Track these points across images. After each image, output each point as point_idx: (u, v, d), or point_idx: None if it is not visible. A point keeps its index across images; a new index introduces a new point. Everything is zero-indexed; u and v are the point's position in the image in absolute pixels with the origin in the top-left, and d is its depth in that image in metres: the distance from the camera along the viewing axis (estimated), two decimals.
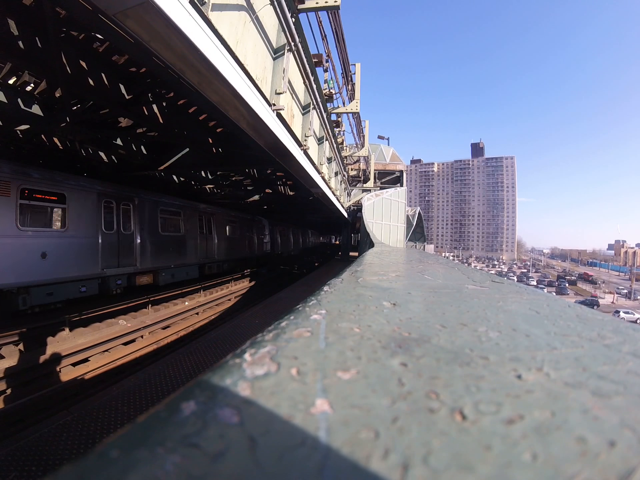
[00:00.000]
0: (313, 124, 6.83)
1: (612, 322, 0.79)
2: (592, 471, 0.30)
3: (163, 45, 2.66)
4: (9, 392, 4.96)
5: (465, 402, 0.40)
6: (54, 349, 6.06)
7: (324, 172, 9.02)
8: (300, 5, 4.74)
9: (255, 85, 3.84)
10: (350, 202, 20.11)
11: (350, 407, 0.38)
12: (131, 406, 3.72)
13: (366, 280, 1.32)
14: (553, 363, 0.52)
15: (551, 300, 1.03)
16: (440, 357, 0.53)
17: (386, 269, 1.86)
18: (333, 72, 9.03)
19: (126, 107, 6.27)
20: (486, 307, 0.90)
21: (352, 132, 14.49)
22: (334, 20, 7.05)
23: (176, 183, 12.74)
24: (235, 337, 6.28)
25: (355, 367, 0.48)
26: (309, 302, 0.87)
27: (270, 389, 0.40)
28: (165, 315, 8.84)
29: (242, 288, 14.14)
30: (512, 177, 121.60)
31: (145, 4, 2.14)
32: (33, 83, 6.21)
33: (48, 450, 2.91)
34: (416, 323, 0.71)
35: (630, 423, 0.36)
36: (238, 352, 0.50)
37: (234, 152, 8.61)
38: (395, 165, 24.37)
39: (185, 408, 0.35)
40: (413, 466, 0.30)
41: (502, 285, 1.33)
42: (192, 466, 0.28)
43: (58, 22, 4.59)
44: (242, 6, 3.40)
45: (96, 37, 5.23)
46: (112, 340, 6.85)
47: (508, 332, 0.67)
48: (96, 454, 0.29)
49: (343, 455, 0.30)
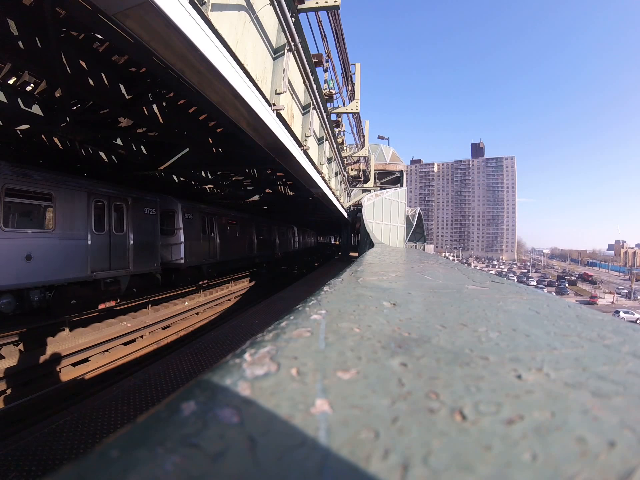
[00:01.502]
0: (313, 124, 6.84)
1: (612, 322, 0.79)
2: (592, 471, 0.30)
3: (163, 45, 2.66)
4: (9, 392, 4.96)
5: (465, 402, 0.40)
6: (54, 349, 6.06)
7: (324, 172, 9.02)
8: (300, 5, 4.74)
9: (255, 85, 3.84)
10: (350, 202, 20.13)
11: (350, 407, 0.38)
12: (131, 406, 3.72)
13: (366, 280, 1.32)
14: (553, 363, 0.52)
15: (551, 301, 1.03)
16: (440, 357, 0.53)
17: (386, 269, 1.86)
18: (333, 72, 9.04)
19: (126, 107, 6.27)
20: (486, 307, 0.90)
21: (352, 132, 14.49)
22: (334, 20, 7.05)
23: (176, 183, 12.75)
24: (235, 337, 6.29)
25: (355, 367, 0.48)
26: (309, 302, 0.87)
27: (270, 389, 0.40)
28: (165, 315, 8.84)
29: (242, 288, 14.14)
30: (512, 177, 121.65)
31: (144, 4, 2.14)
32: (33, 83, 6.22)
33: (48, 450, 2.91)
34: (416, 323, 0.72)
35: (630, 423, 0.36)
36: (238, 352, 0.50)
37: (234, 152, 8.62)
38: (395, 165, 24.37)
39: (185, 408, 0.35)
40: (413, 466, 0.30)
41: (502, 286, 1.33)
42: (192, 466, 0.28)
43: (58, 22, 4.59)
44: (242, 6, 3.40)
45: (96, 37, 5.24)
46: (112, 340, 6.85)
47: (508, 332, 0.67)
48: (96, 454, 0.29)
49: (343, 456, 0.30)
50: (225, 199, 16.10)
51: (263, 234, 19.47)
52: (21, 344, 6.11)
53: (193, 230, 11.83)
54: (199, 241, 12.28)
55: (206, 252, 12.80)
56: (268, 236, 20.56)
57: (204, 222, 12.76)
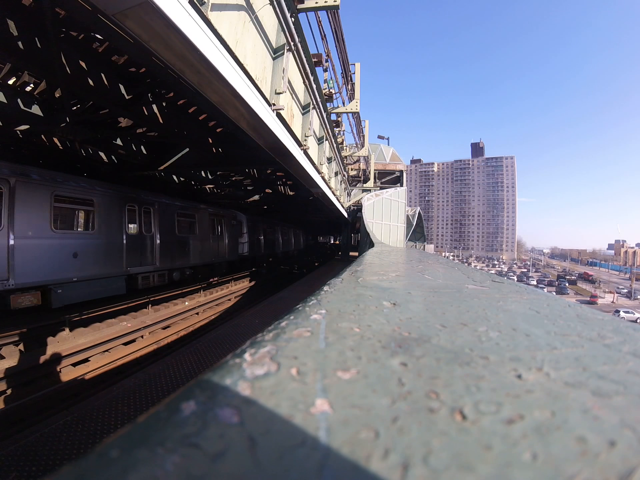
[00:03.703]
0: (313, 124, 6.83)
1: (612, 322, 0.79)
2: (592, 471, 0.30)
3: (163, 45, 2.66)
4: (9, 392, 4.96)
5: (465, 402, 0.40)
6: (54, 349, 6.06)
7: (323, 172, 9.02)
8: (300, 5, 4.74)
9: (255, 85, 3.84)
10: (350, 202, 20.13)
11: (350, 407, 0.38)
12: (131, 406, 3.72)
13: (366, 280, 1.32)
14: (553, 363, 0.52)
15: (551, 300, 1.03)
16: (440, 357, 0.53)
17: (386, 268, 1.86)
18: (333, 72, 9.05)
19: (126, 107, 6.27)
20: (486, 307, 0.90)
21: (352, 132, 14.49)
22: (334, 20, 7.05)
23: (176, 183, 12.75)
24: (235, 337, 6.28)
25: (355, 367, 0.48)
26: (309, 302, 0.87)
27: (270, 389, 0.40)
28: (165, 315, 8.84)
29: (242, 288, 14.14)
30: (512, 177, 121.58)
31: (144, 4, 2.14)
32: (33, 83, 6.21)
33: (48, 450, 2.91)
34: (416, 323, 0.71)
35: (630, 423, 0.36)
36: (238, 352, 0.50)
37: (234, 152, 8.62)
38: (395, 165, 24.36)
39: (185, 408, 0.35)
40: (413, 466, 0.29)
41: (502, 285, 1.33)
42: (192, 466, 0.28)
43: (58, 22, 4.59)
44: (241, 6, 3.40)
45: (96, 37, 5.24)
46: (113, 340, 6.85)
47: (508, 331, 0.67)
48: (96, 454, 0.28)
49: (343, 455, 0.30)
50: (225, 199, 16.10)
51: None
52: (21, 344, 6.11)
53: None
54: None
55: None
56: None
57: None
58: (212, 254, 13.00)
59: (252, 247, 17.00)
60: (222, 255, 13.72)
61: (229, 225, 14.28)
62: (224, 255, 13.88)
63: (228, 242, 14.13)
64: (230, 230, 14.36)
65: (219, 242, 13.52)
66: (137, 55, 4.48)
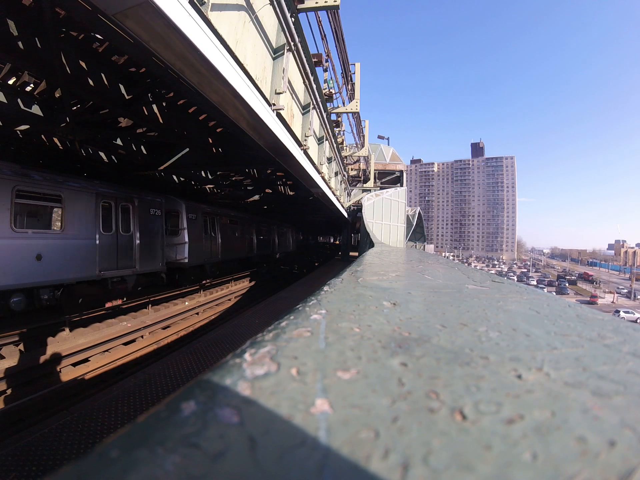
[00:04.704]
0: (313, 124, 6.83)
1: (612, 322, 0.79)
2: (592, 471, 0.30)
3: (163, 45, 2.66)
4: (9, 392, 4.96)
5: (465, 402, 0.40)
6: (54, 349, 6.06)
7: (324, 172, 9.02)
8: (300, 5, 4.74)
9: (255, 85, 3.84)
10: (350, 202, 20.13)
11: (350, 407, 0.38)
12: (131, 406, 3.72)
13: (366, 280, 1.32)
14: (553, 363, 0.52)
15: (551, 300, 1.03)
16: (440, 357, 0.53)
17: (386, 268, 1.86)
18: (333, 72, 9.06)
19: (126, 107, 6.27)
20: (486, 307, 0.90)
21: (352, 132, 14.51)
22: (334, 20, 7.06)
23: (176, 183, 12.76)
24: (235, 337, 6.28)
25: (355, 367, 0.48)
26: (309, 302, 0.87)
27: (270, 389, 0.40)
28: (165, 315, 8.84)
29: (242, 288, 14.14)
30: (512, 177, 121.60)
31: (144, 4, 2.14)
32: (33, 83, 6.21)
33: (48, 450, 2.91)
34: (416, 323, 0.71)
35: (630, 423, 0.36)
36: (238, 352, 0.50)
37: (234, 152, 8.62)
38: (395, 165, 24.37)
39: (185, 408, 0.35)
40: (413, 466, 0.29)
41: (502, 285, 1.33)
42: (192, 466, 0.28)
43: (58, 22, 4.59)
44: (241, 6, 3.40)
45: (96, 37, 5.23)
46: (112, 340, 6.85)
47: (508, 332, 0.67)
48: (96, 454, 0.28)
49: (343, 455, 0.30)
50: (225, 199, 16.10)
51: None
52: (21, 344, 6.11)
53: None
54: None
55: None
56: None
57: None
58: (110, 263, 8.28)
59: (198, 250, 12.06)
60: (127, 264, 8.87)
61: (143, 216, 9.52)
62: (132, 264, 9.04)
63: (140, 244, 9.29)
64: (147, 224, 9.63)
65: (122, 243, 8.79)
66: (137, 55, 4.48)
